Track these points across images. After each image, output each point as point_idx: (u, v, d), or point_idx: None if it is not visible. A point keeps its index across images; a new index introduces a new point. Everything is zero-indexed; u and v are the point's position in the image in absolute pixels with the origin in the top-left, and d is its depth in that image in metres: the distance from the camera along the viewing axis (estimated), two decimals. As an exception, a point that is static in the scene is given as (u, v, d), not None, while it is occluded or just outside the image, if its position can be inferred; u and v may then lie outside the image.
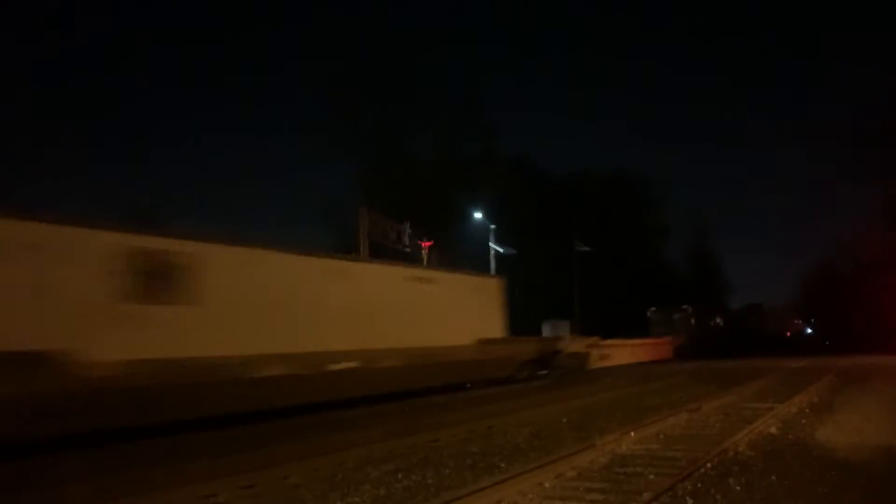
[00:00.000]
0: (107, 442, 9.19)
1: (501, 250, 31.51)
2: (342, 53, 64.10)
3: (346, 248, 24.78)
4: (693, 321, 44.15)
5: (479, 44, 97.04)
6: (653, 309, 43.81)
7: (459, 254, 35.55)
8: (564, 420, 11.17)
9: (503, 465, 7.61)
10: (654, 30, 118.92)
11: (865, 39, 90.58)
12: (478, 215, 33.00)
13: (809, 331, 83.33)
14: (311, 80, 66.80)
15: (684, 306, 44.13)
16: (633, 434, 8.94)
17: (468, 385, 17.80)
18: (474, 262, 31.03)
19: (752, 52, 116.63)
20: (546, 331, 28.65)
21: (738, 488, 6.26)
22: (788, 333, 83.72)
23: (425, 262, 24.61)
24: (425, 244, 25.28)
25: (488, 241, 31.46)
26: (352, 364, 13.38)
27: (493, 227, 31.47)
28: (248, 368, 11.37)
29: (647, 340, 36.38)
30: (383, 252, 21.84)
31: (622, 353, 30.29)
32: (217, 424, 10.64)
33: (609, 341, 28.22)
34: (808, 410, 11.80)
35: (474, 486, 6.12)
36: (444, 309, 17.21)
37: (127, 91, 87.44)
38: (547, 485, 6.50)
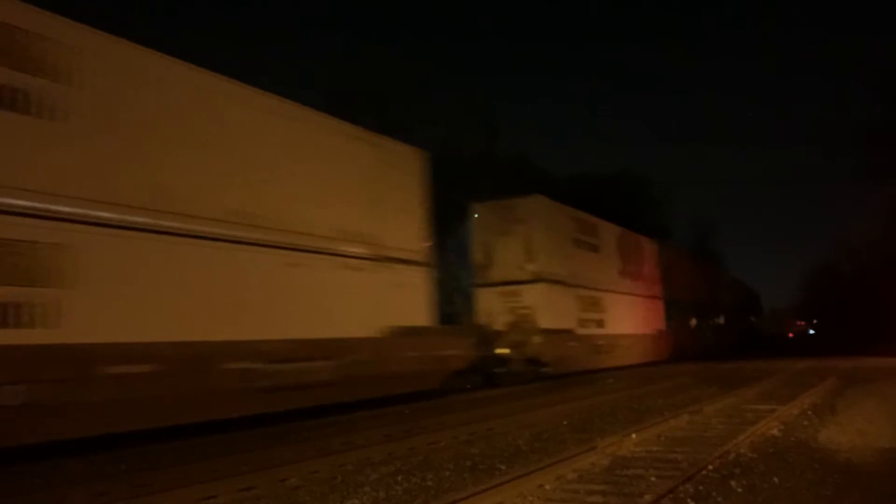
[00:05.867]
0: (104, 444, 9.16)
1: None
2: (342, 52, 64.18)
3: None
4: (693, 321, 43.97)
5: (481, 43, 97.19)
6: None
7: (460, 253, 35.43)
8: (565, 422, 11.13)
9: (503, 467, 7.57)
10: (654, 30, 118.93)
11: (866, 39, 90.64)
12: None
13: (812, 332, 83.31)
14: (310, 78, 66.87)
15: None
16: (634, 436, 8.90)
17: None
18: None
19: (755, 51, 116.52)
20: None
21: (739, 490, 6.22)
22: (791, 334, 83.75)
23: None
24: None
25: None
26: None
27: None
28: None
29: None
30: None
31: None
32: (215, 426, 10.62)
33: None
34: (810, 412, 11.74)
35: (474, 488, 6.08)
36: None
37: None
38: (547, 487, 6.46)
